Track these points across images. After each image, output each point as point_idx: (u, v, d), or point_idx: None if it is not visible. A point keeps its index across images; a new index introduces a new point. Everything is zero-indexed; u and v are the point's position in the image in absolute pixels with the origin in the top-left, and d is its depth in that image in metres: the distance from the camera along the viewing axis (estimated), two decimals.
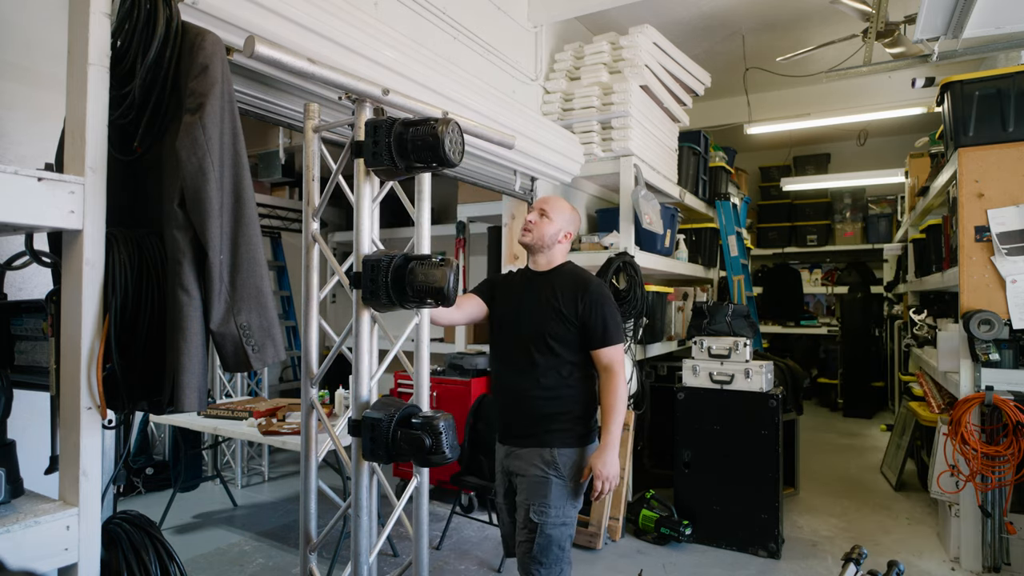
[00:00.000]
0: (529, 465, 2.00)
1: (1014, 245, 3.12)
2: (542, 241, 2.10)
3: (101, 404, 1.33)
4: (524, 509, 1.98)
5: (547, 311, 2.03)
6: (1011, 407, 2.90)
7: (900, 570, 1.65)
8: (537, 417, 2.01)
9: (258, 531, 3.74)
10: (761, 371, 3.45)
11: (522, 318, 2.07)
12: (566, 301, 2.03)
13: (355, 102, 1.68)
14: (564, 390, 2.03)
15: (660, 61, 4.02)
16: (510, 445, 2.08)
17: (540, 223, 2.09)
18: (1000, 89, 3.24)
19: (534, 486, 1.97)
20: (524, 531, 1.97)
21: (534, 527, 1.94)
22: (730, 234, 5.33)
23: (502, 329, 2.14)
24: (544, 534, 1.93)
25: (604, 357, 2.04)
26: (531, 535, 1.95)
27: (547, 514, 1.94)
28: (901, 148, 6.98)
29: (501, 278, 2.29)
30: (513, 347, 2.08)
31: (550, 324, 2.02)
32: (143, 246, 1.40)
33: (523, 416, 2.04)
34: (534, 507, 1.95)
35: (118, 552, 1.41)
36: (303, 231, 1.78)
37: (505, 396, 2.11)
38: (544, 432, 2.01)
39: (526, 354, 2.03)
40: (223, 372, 4.86)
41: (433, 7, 3.08)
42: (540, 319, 2.03)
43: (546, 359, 2.02)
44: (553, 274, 2.13)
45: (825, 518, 3.95)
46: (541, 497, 1.96)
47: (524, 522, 1.97)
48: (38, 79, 1.69)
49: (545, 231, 2.09)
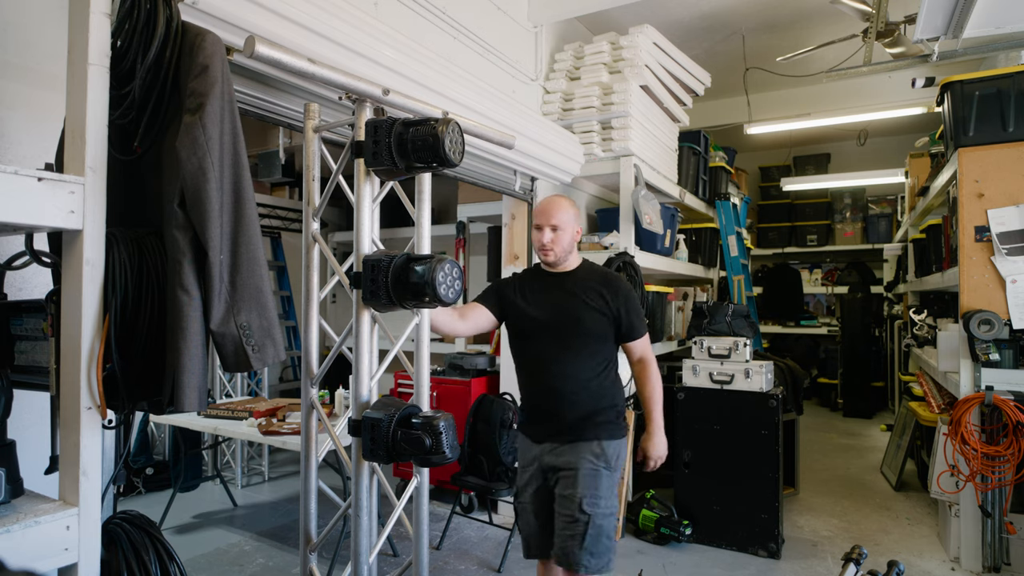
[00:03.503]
0: (578, 459, 2.04)
1: (1014, 245, 3.12)
2: (564, 255, 2.14)
3: (101, 404, 1.33)
4: (575, 502, 2.00)
5: (582, 309, 2.08)
6: (1011, 407, 2.90)
7: (900, 570, 1.65)
8: (582, 413, 2.06)
9: (258, 531, 3.74)
10: (761, 371, 3.45)
11: (557, 318, 2.09)
12: (598, 298, 2.09)
13: (355, 102, 1.68)
14: (604, 384, 2.10)
15: (660, 61, 4.02)
16: (553, 442, 2.08)
17: (556, 239, 2.10)
18: (1000, 89, 3.24)
19: (586, 479, 2.02)
20: (574, 524, 1.99)
21: (587, 519, 1.99)
22: (730, 234, 5.33)
23: (535, 331, 2.12)
24: (596, 524, 1.99)
25: (638, 348, 2.16)
26: (583, 527, 1.98)
27: (598, 505, 2.01)
28: (901, 148, 6.98)
29: (509, 282, 2.26)
30: (550, 347, 2.09)
31: (587, 322, 2.07)
32: (143, 246, 1.40)
33: (567, 413, 2.06)
34: (587, 499, 2.00)
35: (118, 552, 1.41)
36: (303, 231, 1.78)
37: (545, 395, 2.11)
38: (591, 426, 2.06)
39: (565, 352, 2.07)
40: (223, 372, 4.86)
41: (433, 7, 3.08)
42: (577, 317, 2.08)
43: (586, 356, 2.07)
44: (578, 273, 2.17)
45: (825, 518, 3.95)
46: (593, 489, 2.02)
47: (573, 515, 2.00)
48: (38, 79, 1.69)
49: (564, 245, 2.12)
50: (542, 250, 2.12)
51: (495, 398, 3.57)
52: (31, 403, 1.56)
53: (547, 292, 2.13)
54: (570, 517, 2.01)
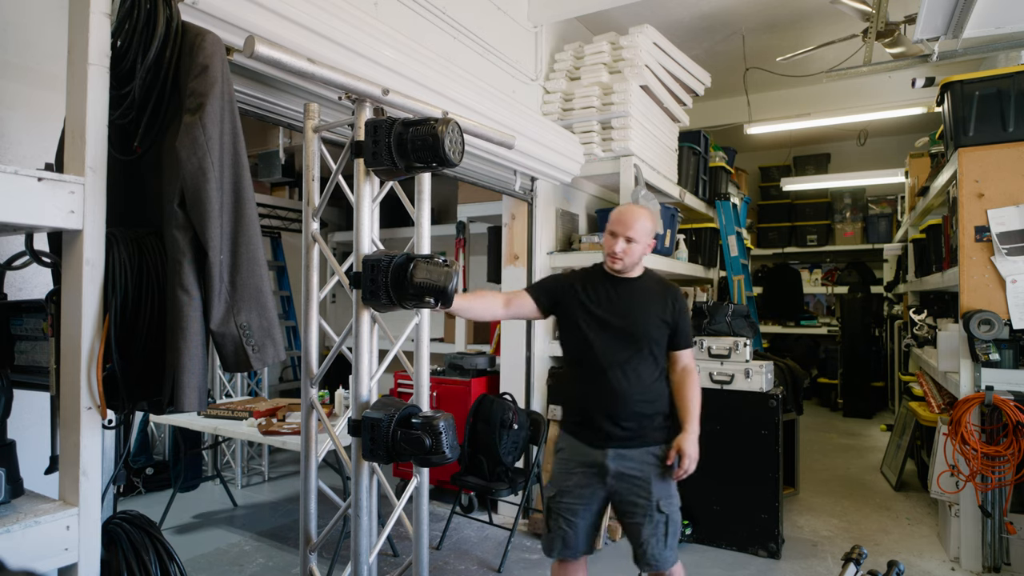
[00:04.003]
0: (644, 464, 2.10)
1: (1014, 245, 3.12)
2: (634, 265, 2.17)
3: (101, 404, 1.33)
4: (652, 504, 2.08)
5: (649, 316, 2.14)
6: (1011, 407, 2.90)
7: (900, 570, 1.65)
8: (645, 417, 2.12)
9: (258, 531, 3.74)
10: (761, 371, 3.45)
11: (626, 322, 2.12)
12: (663, 307, 2.17)
13: (355, 102, 1.68)
14: (661, 389, 2.18)
15: (660, 61, 4.02)
16: (618, 447, 2.10)
17: (629, 250, 2.12)
18: (1000, 89, 3.24)
19: (658, 482, 2.10)
20: (655, 526, 2.08)
21: (665, 518, 2.09)
22: (730, 234, 5.33)
23: (601, 332, 2.13)
24: (673, 522, 2.11)
25: (686, 357, 2.24)
26: (664, 527, 2.08)
27: (672, 504, 2.12)
28: (901, 148, 6.98)
29: (567, 279, 2.27)
30: (616, 350, 2.11)
31: (655, 329, 2.14)
32: (143, 246, 1.40)
33: (633, 417, 2.10)
34: (663, 501, 2.09)
35: (118, 552, 1.41)
36: (303, 231, 1.78)
37: (608, 398, 2.11)
38: (653, 430, 2.13)
39: (632, 357, 2.11)
40: (223, 372, 4.87)
41: (433, 7, 3.08)
42: (646, 324, 2.13)
43: (649, 361, 2.14)
44: (645, 280, 2.22)
45: (825, 518, 3.95)
46: (666, 490, 2.12)
47: (653, 517, 2.08)
48: (38, 79, 1.69)
49: (635, 256, 2.14)
50: (612, 257, 2.14)
51: (495, 398, 3.57)
52: (31, 403, 1.56)
53: (616, 295, 2.16)
54: (649, 520, 2.08)
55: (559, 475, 2.20)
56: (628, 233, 2.12)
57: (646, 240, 2.15)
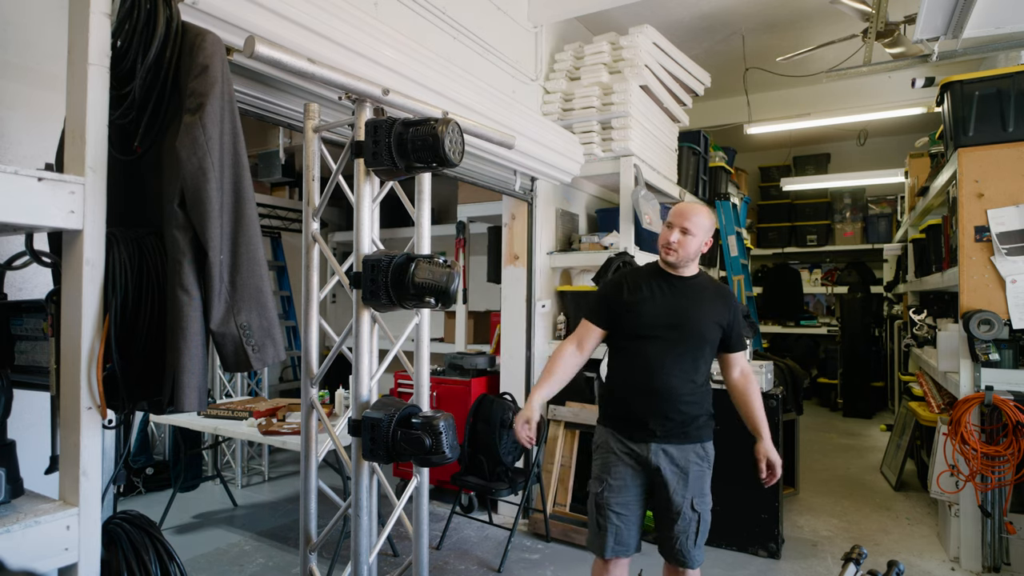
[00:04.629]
0: (686, 461, 2.11)
1: (1014, 245, 3.12)
2: (688, 259, 2.14)
3: (101, 404, 1.33)
4: (686, 501, 2.09)
5: (704, 316, 2.13)
6: (1011, 407, 2.90)
7: (900, 570, 1.65)
8: (690, 415, 2.12)
9: (258, 531, 3.74)
10: (761, 371, 3.45)
11: (681, 321, 2.11)
12: (718, 308, 2.16)
13: (355, 102, 1.68)
14: (706, 389, 2.19)
15: (660, 61, 4.02)
16: (662, 442, 2.10)
17: (684, 241, 2.10)
18: (1000, 89, 3.24)
19: (696, 480, 2.11)
20: (687, 523, 2.10)
21: (697, 517, 2.11)
22: (730, 234, 5.34)
23: (655, 328, 2.12)
24: (704, 521, 2.12)
25: (742, 360, 2.26)
26: (696, 525, 2.11)
27: (705, 503, 2.13)
28: (901, 148, 6.98)
29: (619, 284, 2.25)
30: (669, 347, 2.11)
31: (707, 329, 2.13)
32: (143, 246, 1.40)
33: (676, 414, 2.10)
34: (697, 499, 2.11)
35: (118, 552, 1.41)
36: (303, 231, 1.78)
37: (657, 395, 2.10)
38: (696, 428, 2.13)
39: (684, 356, 2.11)
40: (223, 372, 4.87)
41: (433, 7, 3.08)
42: (700, 323, 2.13)
43: (701, 360, 2.14)
44: (700, 281, 2.20)
45: (825, 518, 3.95)
46: (701, 488, 2.13)
47: (686, 514, 2.09)
48: (38, 79, 1.69)
49: (690, 249, 2.12)
50: (666, 247, 2.13)
51: (495, 398, 3.57)
52: (31, 403, 1.56)
53: (672, 294, 2.15)
54: (682, 516, 2.09)
55: (603, 469, 2.17)
56: (684, 224, 2.10)
57: (703, 236, 2.13)
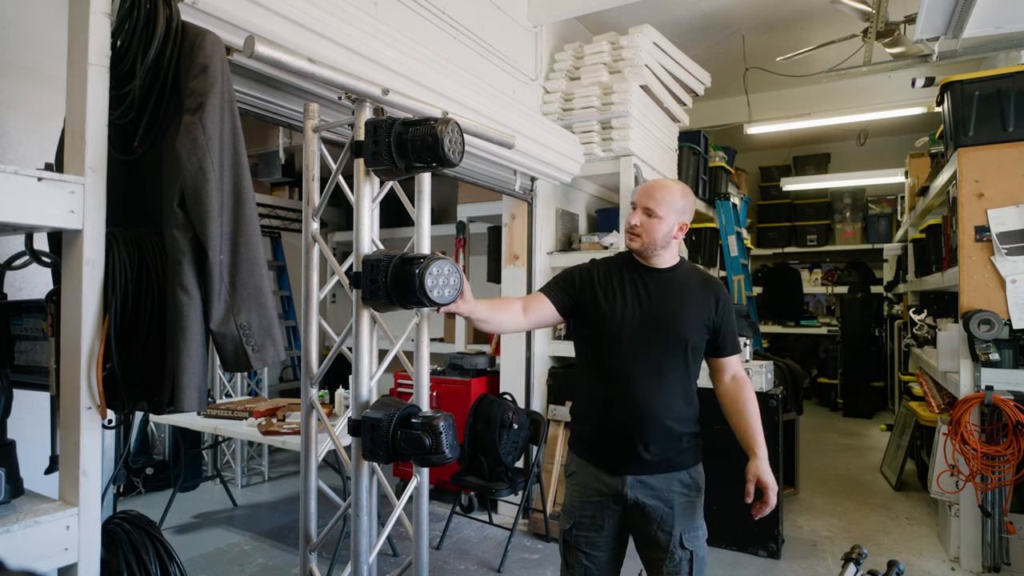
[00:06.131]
0: (669, 493, 1.79)
1: (1014, 245, 3.12)
2: (654, 245, 1.77)
3: (101, 404, 1.33)
4: (673, 539, 1.78)
5: (685, 316, 1.77)
6: (1011, 407, 2.90)
7: (900, 570, 1.65)
8: (673, 437, 1.78)
9: (258, 531, 3.74)
10: (761, 371, 3.45)
11: (656, 323, 1.75)
12: (701, 305, 1.79)
13: (355, 102, 1.68)
14: (691, 403, 1.85)
15: (660, 61, 4.02)
16: (639, 474, 1.77)
17: (648, 225, 1.75)
18: (1000, 89, 3.24)
19: (683, 514, 1.80)
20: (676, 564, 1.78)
21: (688, 555, 1.79)
22: (730, 234, 5.33)
23: (624, 332, 1.76)
24: (699, 557, 1.81)
25: (735, 364, 1.90)
26: (687, 564, 1.79)
27: (698, 537, 1.82)
28: (901, 148, 6.99)
29: (589, 270, 1.87)
30: (642, 356, 1.75)
31: (689, 332, 1.77)
32: (143, 246, 1.40)
33: (657, 438, 1.76)
34: (687, 535, 1.79)
35: (118, 552, 1.42)
36: (303, 231, 1.78)
37: (628, 415, 1.75)
38: (679, 452, 1.80)
39: (660, 365, 1.76)
40: (223, 372, 4.87)
41: (433, 7, 3.08)
42: (679, 325, 1.76)
43: (680, 370, 1.79)
44: (679, 273, 1.83)
45: (825, 518, 3.95)
46: (690, 522, 1.81)
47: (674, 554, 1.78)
48: (38, 79, 1.69)
49: (656, 234, 1.75)
50: (628, 232, 1.79)
51: (495, 398, 3.57)
52: (31, 403, 1.56)
53: (644, 289, 1.78)
54: (670, 556, 1.78)
55: (573, 504, 1.87)
56: (647, 204, 1.75)
57: (673, 218, 1.75)
